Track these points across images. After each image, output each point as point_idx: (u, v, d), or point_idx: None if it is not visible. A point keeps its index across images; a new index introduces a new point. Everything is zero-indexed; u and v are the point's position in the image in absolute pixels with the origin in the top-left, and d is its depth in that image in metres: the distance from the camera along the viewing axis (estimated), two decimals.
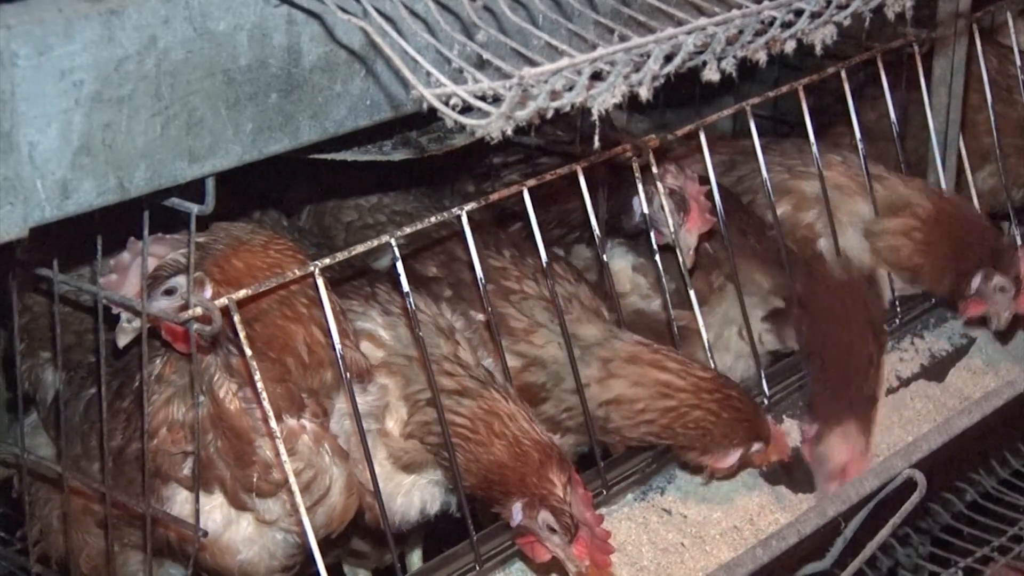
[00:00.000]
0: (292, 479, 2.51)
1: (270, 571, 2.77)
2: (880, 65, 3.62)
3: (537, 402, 3.06)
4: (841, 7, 2.27)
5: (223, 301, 2.42)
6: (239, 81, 2.21)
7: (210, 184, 2.28)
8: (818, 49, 2.28)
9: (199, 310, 2.39)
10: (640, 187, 3.18)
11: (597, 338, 3.07)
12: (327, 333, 2.59)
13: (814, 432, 3.32)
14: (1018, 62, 4.03)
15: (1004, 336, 3.85)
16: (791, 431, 3.41)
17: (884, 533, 3.06)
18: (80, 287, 2.70)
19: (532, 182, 2.93)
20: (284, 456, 2.51)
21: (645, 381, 3.03)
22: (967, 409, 3.39)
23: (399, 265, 2.71)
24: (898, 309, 3.76)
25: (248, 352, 2.45)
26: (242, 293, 2.47)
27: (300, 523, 2.55)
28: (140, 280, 2.52)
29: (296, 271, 2.57)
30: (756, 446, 3.09)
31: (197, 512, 2.54)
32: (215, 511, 2.63)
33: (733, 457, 3.07)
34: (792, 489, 3.31)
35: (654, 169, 3.19)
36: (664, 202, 3.18)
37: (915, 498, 3.06)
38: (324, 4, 2.17)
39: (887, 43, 3.66)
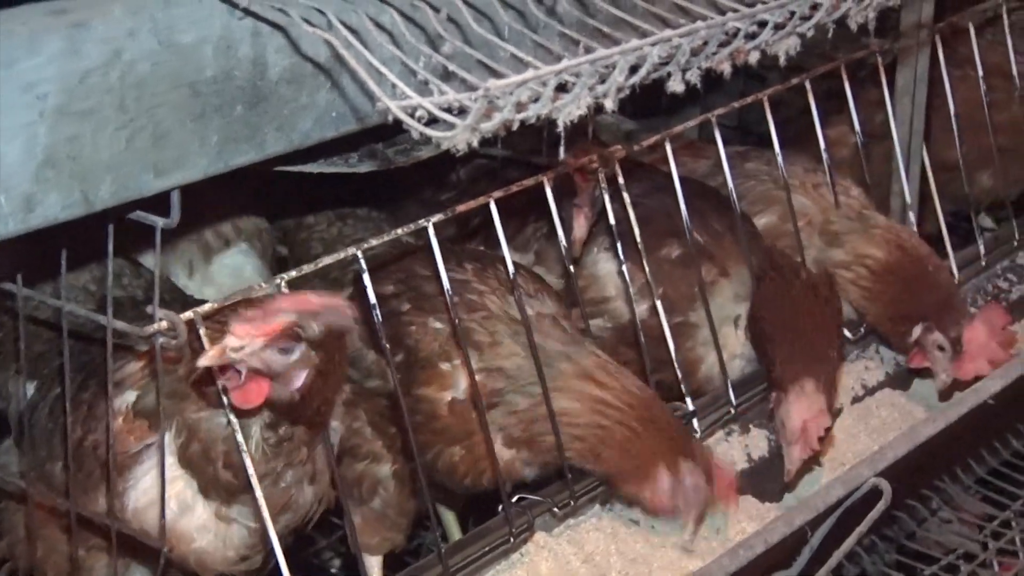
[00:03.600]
0: (255, 482, 2.52)
1: (226, 562, 2.76)
2: (844, 76, 3.65)
3: (490, 408, 3.05)
4: (804, 18, 2.30)
5: (188, 315, 2.42)
6: (205, 93, 2.21)
7: (175, 197, 2.27)
8: (782, 60, 2.30)
9: (164, 324, 2.38)
10: (605, 195, 3.19)
11: (556, 351, 3.06)
12: None
13: (773, 402, 3.30)
14: (980, 73, 4.06)
15: None
16: (761, 439, 3.42)
17: (850, 542, 3.06)
18: (46, 302, 2.69)
19: (499, 193, 2.93)
20: (248, 460, 2.51)
21: (584, 397, 3.01)
22: (932, 417, 3.40)
23: (366, 277, 2.71)
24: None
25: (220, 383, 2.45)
26: (207, 307, 2.47)
27: (257, 516, 2.56)
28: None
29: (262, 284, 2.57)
30: (685, 466, 3.01)
31: (163, 526, 2.53)
32: (171, 499, 2.61)
33: (664, 483, 2.99)
34: (759, 499, 3.32)
35: (620, 180, 3.20)
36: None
37: (881, 506, 3.07)
38: (289, 16, 2.17)
39: (851, 54, 3.68)
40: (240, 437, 2.51)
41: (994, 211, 4.73)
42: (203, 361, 2.36)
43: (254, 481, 2.52)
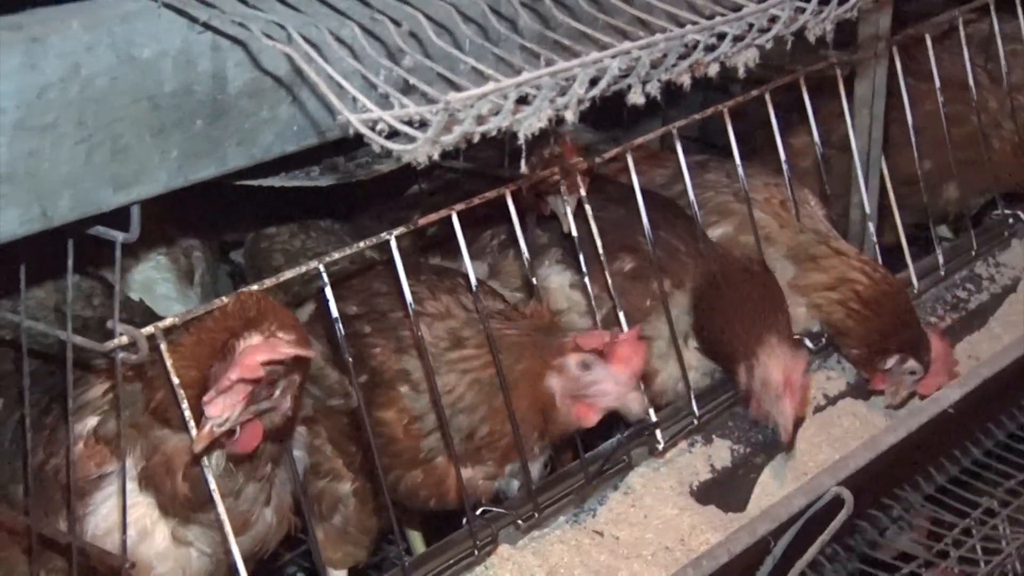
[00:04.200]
0: (221, 508, 2.50)
1: None
2: (804, 88, 3.67)
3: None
4: (763, 31, 2.31)
5: (149, 329, 2.40)
6: (164, 108, 2.20)
7: (135, 212, 2.26)
8: (741, 72, 2.31)
9: (125, 339, 2.37)
10: (568, 212, 3.20)
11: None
12: None
13: (744, 379, 3.32)
14: (937, 84, 4.10)
15: None
16: (723, 449, 3.43)
17: (813, 551, 3.08)
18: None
19: (460, 206, 2.93)
20: (213, 486, 2.49)
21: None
22: (893, 427, 3.43)
23: (328, 291, 2.70)
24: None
25: (175, 380, 2.43)
26: (168, 321, 2.46)
27: (219, 544, 2.54)
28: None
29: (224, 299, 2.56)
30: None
31: (124, 542, 2.52)
32: (130, 525, 2.59)
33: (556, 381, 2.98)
34: (723, 509, 3.33)
35: (582, 192, 3.21)
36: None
37: (843, 515, 3.09)
38: (249, 31, 2.17)
39: (811, 66, 3.71)
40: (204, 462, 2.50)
41: (954, 222, 4.77)
42: (197, 448, 2.38)
43: (217, 498, 2.50)
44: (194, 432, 2.44)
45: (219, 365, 2.40)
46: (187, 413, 2.43)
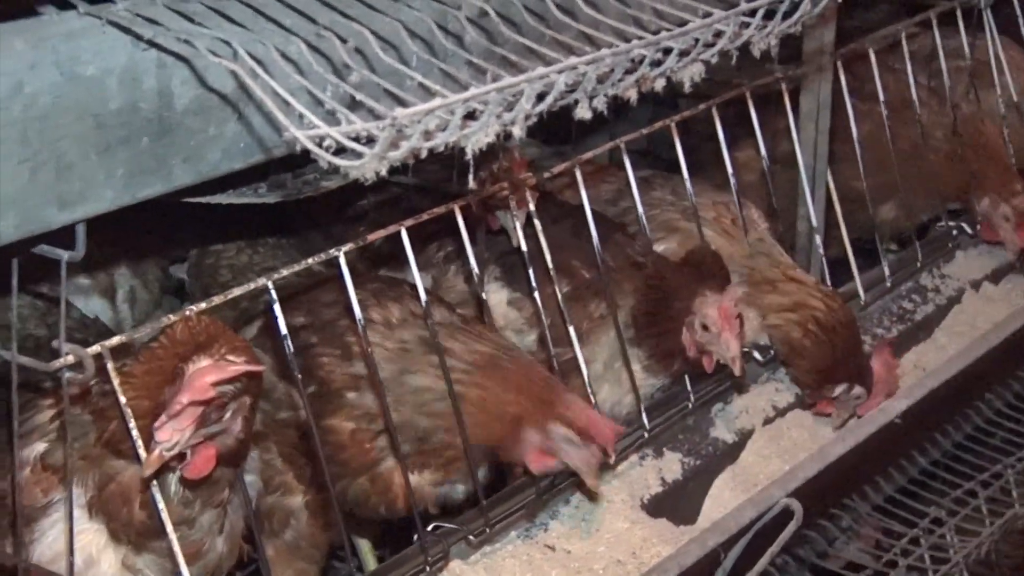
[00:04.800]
0: (173, 538, 2.48)
1: None
2: (750, 102, 3.70)
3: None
4: (708, 45, 2.33)
5: (96, 349, 2.39)
6: (110, 125, 2.18)
7: (81, 230, 2.24)
8: (687, 87, 2.33)
9: (71, 358, 2.35)
10: (517, 226, 3.21)
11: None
12: None
13: (688, 338, 3.39)
14: (881, 97, 4.14)
15: None
16: (674, 462, 3.44)
17: (763, 562, 3.09)
18: None
19: (410, 221, 2.93)
20: (165, 516, 2.48)
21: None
22: (841, 437, 3.45)
23: (277, 308, 2.70)
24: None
25: (123, 399, 2.41)
26: (115, 340, 2.44)
27: (170, 572, 2.53)
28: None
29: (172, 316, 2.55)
30: (556, 428, 3.01)
31: (70, 565, 2.49)
32: (77, 553, 2.57)
33: (530, 440, 3.00)
34: (674, 521, 3.34)
35: (531, 207, 3.22)
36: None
37: (792, 527, 3.11)
38: (195, 48, 2.16)
39: (757, 80, 3.74)
40: (155, 487, 2.48)
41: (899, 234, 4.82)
42: (145, 472, 2.36)
43: (169, 528, 2.48)
44: (143, 452, 2.43)
45: (169, 391, 2.39)
46: (137, 440, 2.41)
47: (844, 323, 3.66)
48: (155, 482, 2.47)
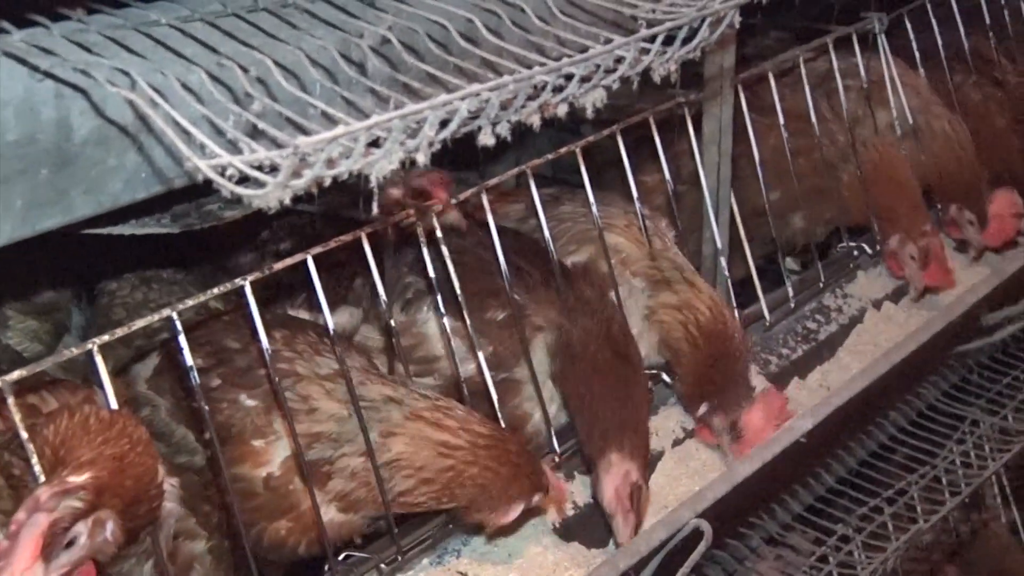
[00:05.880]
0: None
1: None
2: (653, 127, 3.73)
3: (325, 479, 3.00)
4: (609, 71, 2.35)
5: None
6: (7, 157, 2.15)
7: None
8: (590, 112, 2.35)
9: None
10: (424, 250, 3.20)
11: (382, 397, 3.04)
12: None
13: (592, 485, 3.37)
14: (781, 121, 4.20)
15: (779, 383, 3.98)
16: (585, 485, 3.45)
17: None
18: None
19: (317, 249, 2.92)
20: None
21: (423, 441, 2.99)
22: (749, 457, 3.48)
23: (182, 339, 2.67)
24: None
25: (24, 435, 2.38)
26: (16, 374, 2.40)
27: None
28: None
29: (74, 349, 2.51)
30: (536, 498, 3.09)
31: None
32: None
33: (515, 511, 3.07)
34: (586, 545, 3.35)
35: (439, 234, 3.22)
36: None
37: (702, 547, 3.13)
38: (92, 78, 2.14)
39: (661, 104, 3.78)
40: None
41: (801, 255, 4.89)
42: None
43: None
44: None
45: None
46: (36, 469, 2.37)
47: (724, 336, 3.66)
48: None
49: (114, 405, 2.54)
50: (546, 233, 3.47)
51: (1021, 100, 5.01)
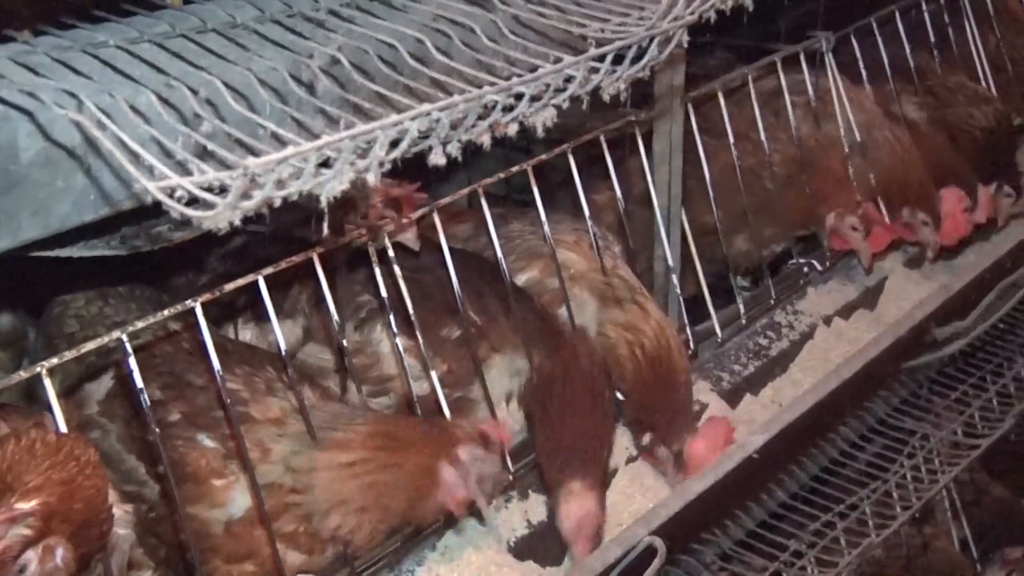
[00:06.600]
0: None
1: None
2: (604, 146, 3.75)
3: (278, 515, 2.97)
4: (559, 91, 2.36)
5: None
6: None
7: None
8: (540, 132, 2.36)
9: None
10: (376, 269, 3.20)
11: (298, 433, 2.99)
12: None
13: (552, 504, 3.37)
14: (731, 138, 4.23)
15: (731, 399, 4.00)
16: (539, 504, 3.45)
17: None
18: None
19: (269, 270, 2.91)
20: None
21: (341, 473, 2.94)
22: (702, 474, 3.49)
23: (132, 360, 2.65)
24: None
25: None
26: None
27: None
28: None
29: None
30: (463, 453, 3.01)
31: None
32: None
33: (451, 479, 2.98)
34: (540, 563, 3.35)
35: (391, 253, 3.21)
36: None
37: (656, 564, 3.13)
38: (39, 100, 2.12)
39: (611, 123, 3.79)
40: None
41: (752, 272, 4.91)
42: None
43: None
44: None
45: None
46: None
47: (667, 362, 3.67)
48: None
49: (63, 428, 2.51)
50: (498, 252, 3.47)
51: (955, 111, 5.09)
